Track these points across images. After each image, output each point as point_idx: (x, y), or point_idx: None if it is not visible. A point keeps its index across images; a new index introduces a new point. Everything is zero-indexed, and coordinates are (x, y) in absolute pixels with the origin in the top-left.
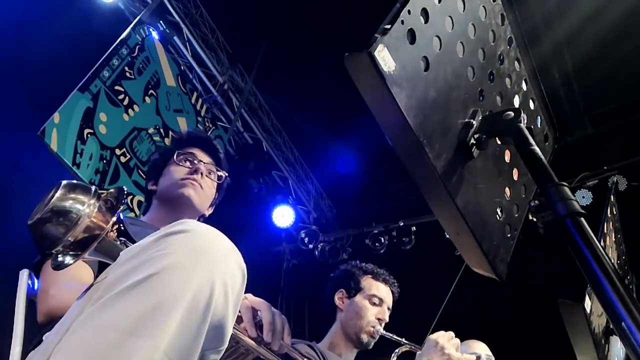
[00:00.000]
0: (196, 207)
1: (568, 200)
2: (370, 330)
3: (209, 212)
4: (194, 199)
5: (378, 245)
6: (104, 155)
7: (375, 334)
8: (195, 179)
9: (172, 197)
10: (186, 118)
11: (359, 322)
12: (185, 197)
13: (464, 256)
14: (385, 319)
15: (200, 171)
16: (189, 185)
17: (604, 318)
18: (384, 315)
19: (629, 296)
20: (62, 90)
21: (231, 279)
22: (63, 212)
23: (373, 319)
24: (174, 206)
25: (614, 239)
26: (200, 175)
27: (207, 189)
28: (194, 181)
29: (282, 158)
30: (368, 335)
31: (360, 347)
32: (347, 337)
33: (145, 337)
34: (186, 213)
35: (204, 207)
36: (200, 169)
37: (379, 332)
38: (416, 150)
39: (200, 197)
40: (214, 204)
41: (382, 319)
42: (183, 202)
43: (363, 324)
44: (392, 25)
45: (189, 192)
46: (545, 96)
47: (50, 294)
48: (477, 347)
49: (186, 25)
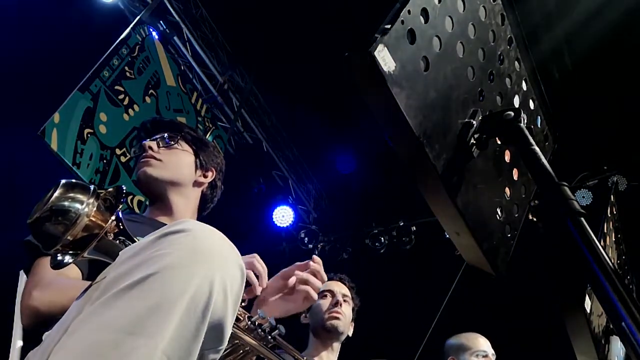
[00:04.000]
0: (163, 178)
1: (568, 200)
2: (328, 316)
3: (209, 177)
4: (151, 173)
5: (378, 245)
6: (104, 155)
7: (336, 314)
8: (144, 156)
9: (141, 187)
10: (186, 118)
11: (319, 316)
12: (142, 177)
13: (464, 256)
14: (340, 301)
15: (146, 147)
16: (141, 166)
17: (604, 318)
18: (337, 305)
19: (629, 296)
20: (62, 90)
21: (230, 278)
22: (62, 211)
23: (328, 307)
24: (149, 193)
25: (614, 239)
26: (150, 150)
27: (169, 157)
28: (143, 159)
29: (282, 158)
30: (330, 319)
31: (331, 334)
32: (319, 336)
33: (144, 337)
34: (168, 191)
35: (178, 174)
36: (145, 145)
37: (335, 313)
38: (416, 150)
39: (158, 167)
40: (207, 166)
41: (338, 303)
42: (146, 182)
43: (322, 315)
44: (392, 25)
45: (143, 170)
46: (546, 96)
47: (32, 294)
48: (480, 344)
49: (186, 25)
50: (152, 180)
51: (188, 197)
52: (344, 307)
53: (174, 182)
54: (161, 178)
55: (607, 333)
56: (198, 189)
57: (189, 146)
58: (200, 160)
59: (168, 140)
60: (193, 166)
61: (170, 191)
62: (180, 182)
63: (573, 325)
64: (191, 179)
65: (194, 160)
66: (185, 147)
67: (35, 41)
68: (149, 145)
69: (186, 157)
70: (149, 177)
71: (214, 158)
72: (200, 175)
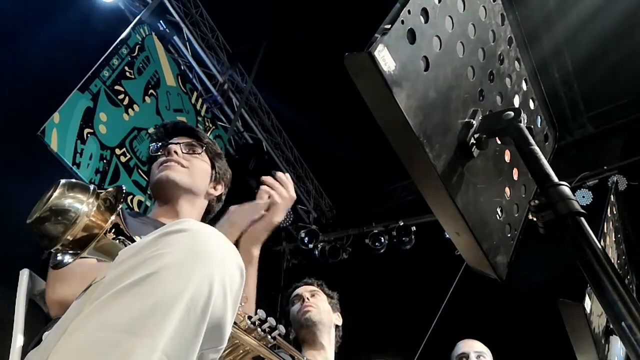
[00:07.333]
0: (184, 185)
1: (568, 200)
2: (300, 313)
3: (218, 190)
4: (174, 178)
5: (378, 245)
6: (104, 155)
7: (305, 308)
8: (169, 159)
9: (156, 188)
10: (186, 118)
11: (295, 319)
12: (163, 180)
13: (464, 256)
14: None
15: (172, 150)
16: (164, 169)
17: (604, 318)
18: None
19: (629, 296)
20: (62, 90)
21: (230, 278)
22: (62, 210)
23: (299, 308)
24: (163, 196)
25: (614, 238)
26: (175, 155)
27: (192, 165)
28: (168, 162)
29: (282, 158)
30: (302, 315)
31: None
32: (303, 337)
33: (144, 337)
34: (181, 197)
35: (197, 184)
36: (171, 149)
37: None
38: (416, 150)
39: (182, 174)
40: (219, 179)
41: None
42: (166, 186)
43: (297, 316)
44: (392, 25)
45: (166, 173)
46: (545, 96)
47: (56, 287)
48: (468, 346)
49: (186, 25)
50: (172, 185)
51: (196, 205)
52: (313, 300)
53: (190, 191)
54: (181, 184)
55: (607, 333)
56: (206, 200)
57: (208, 157)
58: (215, 173)
59: (192, 148)
60: (209, 177)
61: (183, 198)
62: (195, 191)
63: (573, 325)
64: (204, 189)
65: (211, 172)
66: (205, 158)
67: (35, 41)
68: (174, 149)
69: (205, 167)
70: (171, 181)
71: (225, 172)
72: (212, 187)
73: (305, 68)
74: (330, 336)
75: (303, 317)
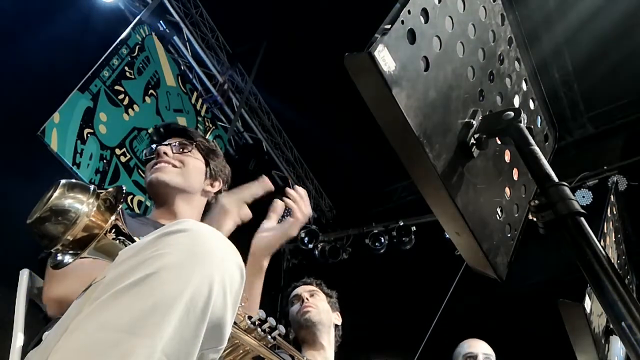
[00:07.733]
0: (176, 185)
1: (568, 200)
2: (300, 314)
3: (216, 187)
4: (164, 179)
5: (378, 245)
6: (104, 155)
7: (305, 308)
8: (159, 161)
9: (150, 191)
10: (186, 118)
11: (295, 320)
12: (154, 183)
13: (464, 256)
14: (306, 297)
15: (162, 152)
16: (154, 172)
17: (604, 318)
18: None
19: (629, 296)
20: (62, 90)
21: (230, 278)
22: (62, 211)
23: (298, 308)
24: (158, 198)
25: (614, 238)
26: (165, 156)
27: (185, 164)
28: (158, 164)
29: (282, 158)
30: (302, 315)
31: (310, 328)
32: (303, 338)
33: (143, 337)
34: (176, 197)
35: (191, 182)
36: (161, 150)
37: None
38: (416, 150)
39: (172, 174)
40: (215, 176)
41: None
42: (158, 188)
43: (296, 317)
44: (392, 25)
45: (156, 175)
46: (545, 96)
47: (52, 286)
48: (476, 346)
49: (186, 25)
50: (164, 186)
51: (194, 204)
52: (313, 300)
53: (184, 190)
54: (173, 185)
55: (607, 333)
56: (204, 198)
57: (201, 155)
58: (210, 170)
59: (183, 147)
60: (203, 175)
61: (178, 198)
62: (190, 190)
63: (573, 325)
64: (200, 187)
65: (205, 169)
66: (197, 156)
67: (35, 41)
68: (164, 150)
69: (198, 165)
70: (162, 183)
71: (222, 169)
72: (208, 185)
73: (305, 68)
74: (330, 336)
75: (302, 318)
